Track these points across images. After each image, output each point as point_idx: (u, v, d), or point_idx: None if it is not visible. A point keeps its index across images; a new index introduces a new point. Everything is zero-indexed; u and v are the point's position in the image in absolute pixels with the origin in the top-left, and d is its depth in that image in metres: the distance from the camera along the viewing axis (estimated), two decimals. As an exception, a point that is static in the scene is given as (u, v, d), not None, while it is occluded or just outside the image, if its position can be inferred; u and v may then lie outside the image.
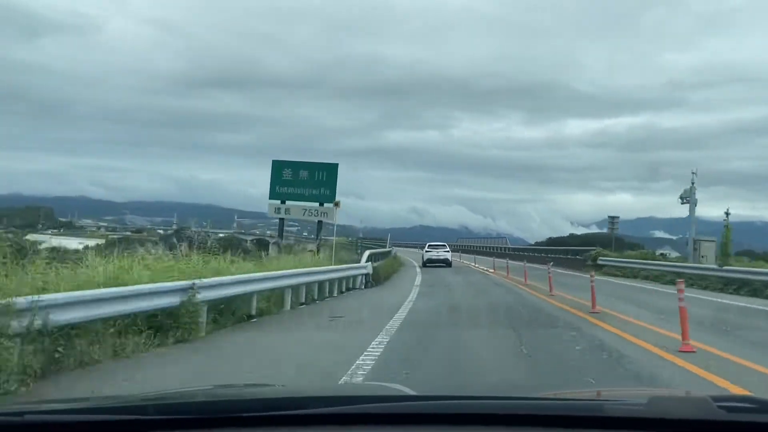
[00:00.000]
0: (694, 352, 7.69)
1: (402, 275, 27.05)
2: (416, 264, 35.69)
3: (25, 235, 31.18)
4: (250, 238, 66.47)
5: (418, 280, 23.44)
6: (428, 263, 35.04)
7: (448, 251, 37.07)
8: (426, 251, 37.41)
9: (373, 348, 7.83)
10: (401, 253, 44.64)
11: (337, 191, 23.35)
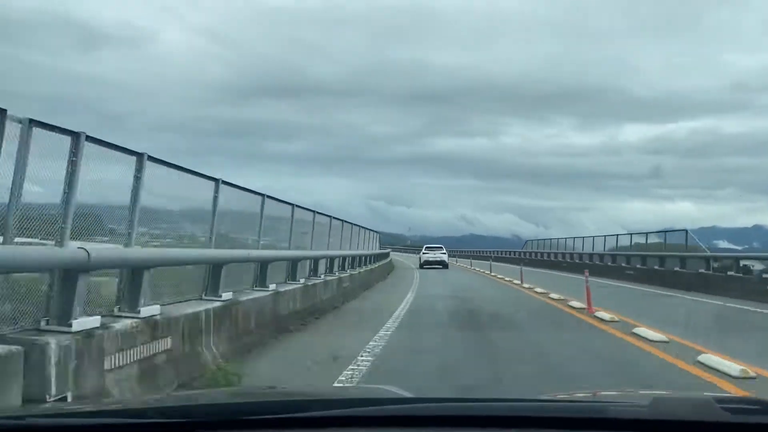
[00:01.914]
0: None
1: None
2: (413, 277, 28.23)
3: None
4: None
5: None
6: (425, 265, 36.27)
7: (444, 253, 38.30)
8: (423, 253, 38.59)
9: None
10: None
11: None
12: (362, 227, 25.64)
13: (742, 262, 20.34)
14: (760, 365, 7.12)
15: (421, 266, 36.56)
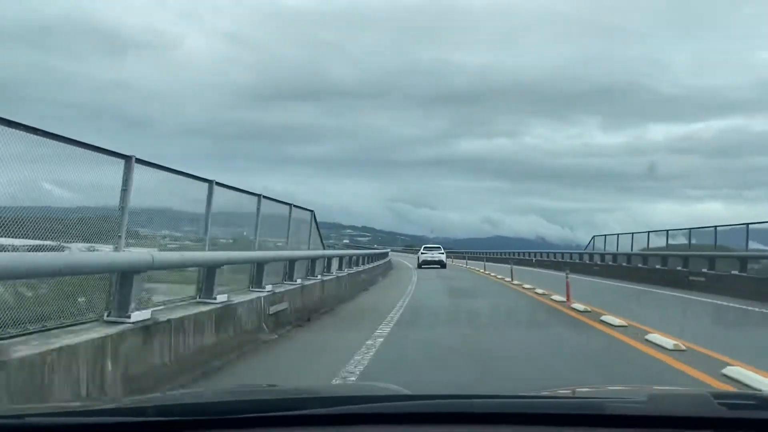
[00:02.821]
0: None
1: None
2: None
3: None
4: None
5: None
6: (423, 265, 37.14)
7: (442, 253, 39.87)
8: (421, 253, 40.09)
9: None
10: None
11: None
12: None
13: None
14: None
15: (419, 266, 37.00)
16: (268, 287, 9.39)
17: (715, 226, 23.85)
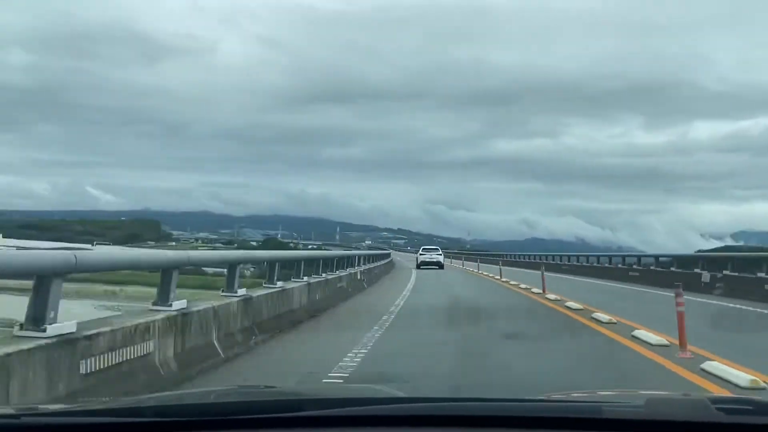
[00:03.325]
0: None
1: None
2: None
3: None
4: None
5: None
6: (422, 265, 38.59)
7: (440, 254, 41.78)
8: (420, 254, 41.95)
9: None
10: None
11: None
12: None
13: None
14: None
15: (418, 266, 37.98)
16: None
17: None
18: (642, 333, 9.08)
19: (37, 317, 4.44)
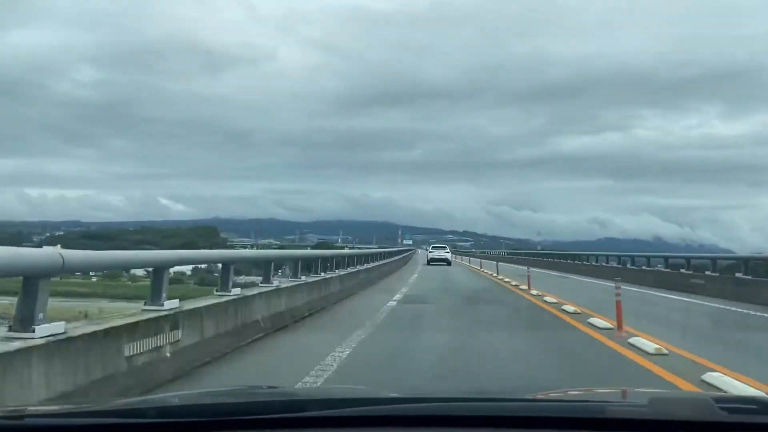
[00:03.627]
0: None
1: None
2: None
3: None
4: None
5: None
6: (432, 262, 41.34)
7: (448, 252, 44.99)
8: (429, 252, 45.16)
9: None
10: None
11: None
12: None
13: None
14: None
15: (428, 263, 41.13)
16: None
17: None
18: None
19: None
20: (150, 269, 6.88)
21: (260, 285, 10.18)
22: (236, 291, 8.46)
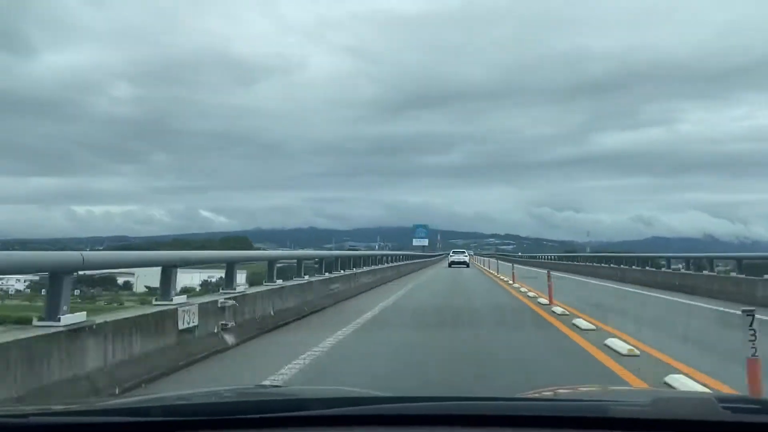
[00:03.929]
0: None
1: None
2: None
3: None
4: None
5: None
6: (452, 264, 47.94)
7: (467, 256, 51.80)
8: (450, 256, 52.30)
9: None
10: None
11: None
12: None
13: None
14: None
15: (449, 265, 47.55)
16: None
17: None
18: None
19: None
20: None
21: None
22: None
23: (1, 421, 1.60)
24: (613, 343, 7.99)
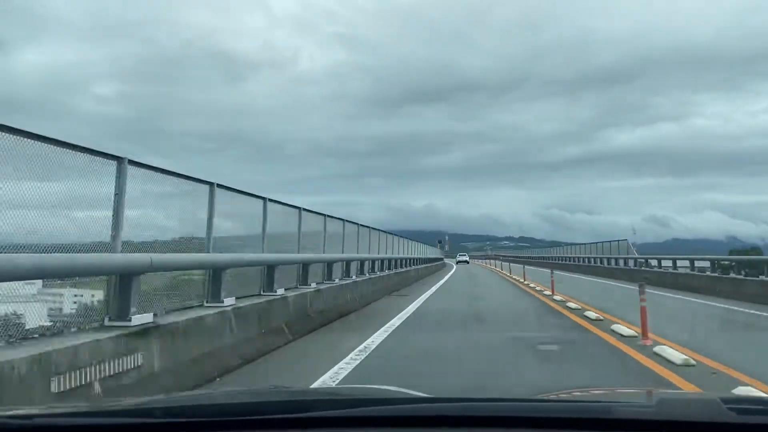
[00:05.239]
0: None
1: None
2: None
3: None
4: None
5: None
6: (458, 263, 73.15)
7: (467, 258, 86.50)
8: (458, 258, 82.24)
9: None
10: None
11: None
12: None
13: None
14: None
15: (457, 263, 73.22)
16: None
17: None
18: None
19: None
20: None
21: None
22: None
23: (5, 423, 1.63)
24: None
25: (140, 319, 5.77)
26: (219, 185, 8.47)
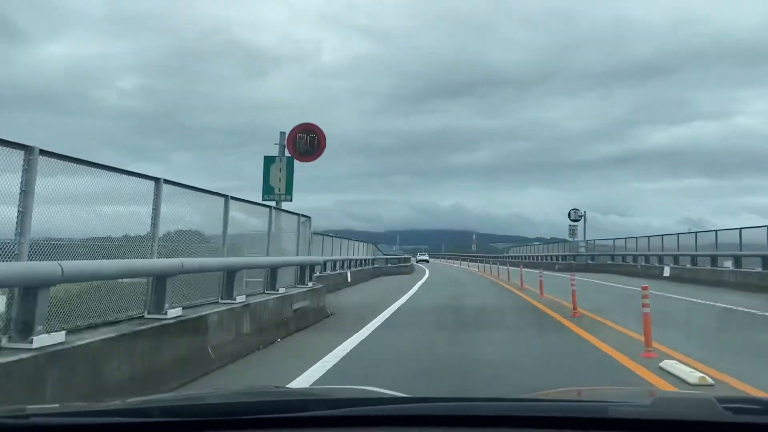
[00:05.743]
0: None
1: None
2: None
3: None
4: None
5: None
6: (418, 262, 72.73)
7: (426, 257, 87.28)
8: (417, 256, 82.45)
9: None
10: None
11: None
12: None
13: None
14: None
15: (417, 262, 72.52)
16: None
17: None
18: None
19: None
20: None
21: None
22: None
23: (2, 422, 1.65)
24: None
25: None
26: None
